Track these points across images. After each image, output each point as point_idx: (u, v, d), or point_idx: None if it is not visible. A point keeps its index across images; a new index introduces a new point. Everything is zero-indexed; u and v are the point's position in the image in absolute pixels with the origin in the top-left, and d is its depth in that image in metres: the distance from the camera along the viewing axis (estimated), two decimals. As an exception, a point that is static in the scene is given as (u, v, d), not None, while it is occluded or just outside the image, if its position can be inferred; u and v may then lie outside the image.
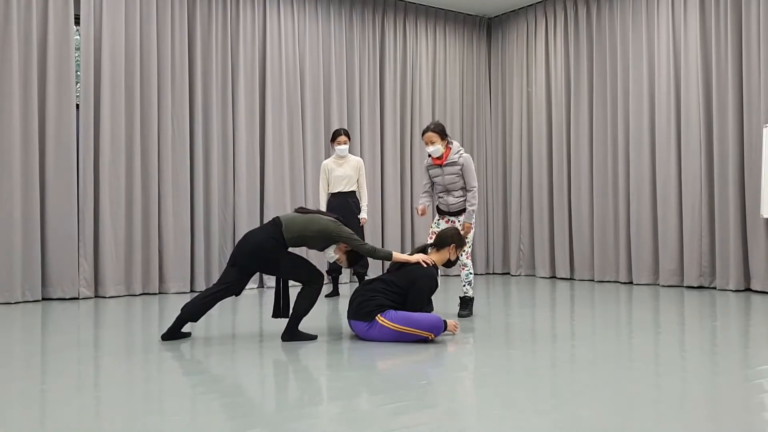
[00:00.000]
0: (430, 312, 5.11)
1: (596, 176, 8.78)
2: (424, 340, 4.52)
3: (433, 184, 5.87)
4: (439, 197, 5.82)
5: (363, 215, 7.00)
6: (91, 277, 7.24)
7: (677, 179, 7.97)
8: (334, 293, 7.20)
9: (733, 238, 7.37)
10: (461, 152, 5.68)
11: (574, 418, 2.79)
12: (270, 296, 7.36)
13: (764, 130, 7.07)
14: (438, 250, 5.02)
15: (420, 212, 5.79)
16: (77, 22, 7.34)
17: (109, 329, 5.24)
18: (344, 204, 6.95)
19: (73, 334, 5.00)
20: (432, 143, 5.64)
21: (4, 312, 6.19)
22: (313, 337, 4.67)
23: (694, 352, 4.17)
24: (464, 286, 5.74)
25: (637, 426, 2.68)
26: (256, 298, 7.19)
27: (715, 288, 7.61)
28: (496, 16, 10.28)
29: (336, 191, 7.03)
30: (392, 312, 4.52)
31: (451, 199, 5.71)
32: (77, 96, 7.30)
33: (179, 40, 7.82)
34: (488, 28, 10.42)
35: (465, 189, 5.69)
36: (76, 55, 7.36)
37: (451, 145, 5.71)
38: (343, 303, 6.50)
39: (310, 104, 8.70)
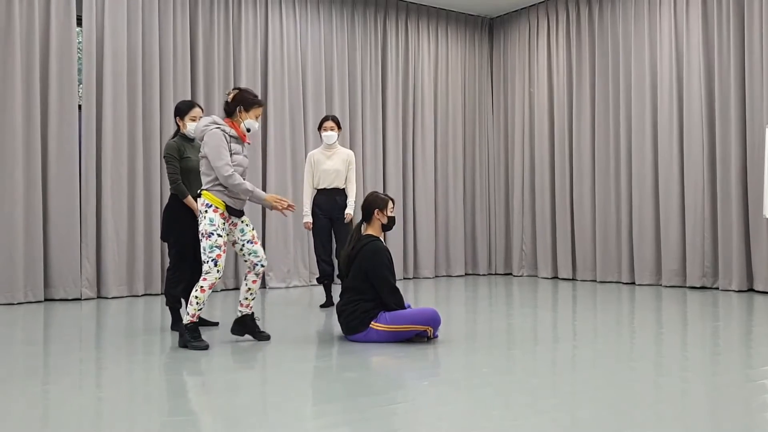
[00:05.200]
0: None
1: (598, 176, 8.76)
2: (424, 336, 4.54)
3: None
4: None
5: (348, 210, 6.33)
6: (93, 278, 7.24)
7: (679, 179, 7.95)
8: (328, 303, 6.45)
9: (735, 238, 7.35)
10: (208, 127, 4.56)
11: (574, 418, 2.79)
12: (268, 297, 7.37)
13: (767, 129, 7.05)
14: (369, 223, 4.76)
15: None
16: (79, 22, 7.35)
17: (111, 330, 5.25)
18: (332, 202, 6.35)
19: (75, 335, 5.01)
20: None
21: (6, 313, 6.20)
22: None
23: (695, 353, 4.16)
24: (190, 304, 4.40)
25: (637, 426, 2.68)
26: (257, 300, 7.19)
27: (717, 288, 7.59)
28: (498, 17, 10.27)
29: (322, 187, 6.38)
30: (384, 314, 4.54)
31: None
32: (79, 96, 7.32)
33: (181, 41, 7.82)
34: (490, 28, 10.42)
35: (205, 175, 4.55)
36: (79, 55, 7.37)
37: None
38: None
39: (312, 105, 8.70)
